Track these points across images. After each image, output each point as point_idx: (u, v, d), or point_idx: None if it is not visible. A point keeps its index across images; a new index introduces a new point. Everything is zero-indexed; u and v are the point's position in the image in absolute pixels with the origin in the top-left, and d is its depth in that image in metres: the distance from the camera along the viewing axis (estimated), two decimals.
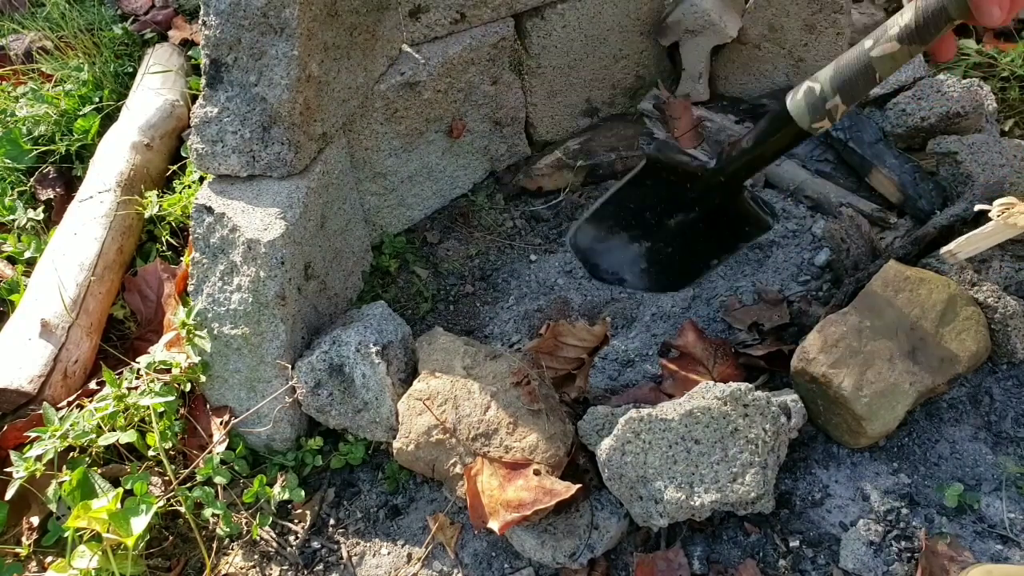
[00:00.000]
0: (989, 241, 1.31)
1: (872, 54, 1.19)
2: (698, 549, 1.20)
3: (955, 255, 1.35)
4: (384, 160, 1.65)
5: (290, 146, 1.33)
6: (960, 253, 1.34)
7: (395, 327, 1.37)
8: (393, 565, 1.25)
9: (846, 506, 1.23)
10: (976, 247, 1.33)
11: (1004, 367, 1.36)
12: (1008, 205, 1.25)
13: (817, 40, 1.81)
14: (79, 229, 1.64)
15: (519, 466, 1.18)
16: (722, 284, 1.59)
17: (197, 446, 1.36)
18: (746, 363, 1.40)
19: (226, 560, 1.29)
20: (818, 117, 1.28)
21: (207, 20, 1.27)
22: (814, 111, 1.28)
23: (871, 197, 1.67)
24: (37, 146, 1.97)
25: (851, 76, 1.23)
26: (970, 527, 1.19)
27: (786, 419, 1.19)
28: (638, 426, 1.15)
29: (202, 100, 1.33)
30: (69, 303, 1.49)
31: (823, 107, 1.27)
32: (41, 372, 1.37)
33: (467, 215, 1.81)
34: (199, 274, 1.35)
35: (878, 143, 1.69)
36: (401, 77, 1.58)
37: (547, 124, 1.92)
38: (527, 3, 1.71)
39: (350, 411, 1.31)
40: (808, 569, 1.18)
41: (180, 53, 2.25)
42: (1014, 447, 1.27)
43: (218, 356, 1.36)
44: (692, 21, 1.80)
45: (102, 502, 1.15)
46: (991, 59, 1.94)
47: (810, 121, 1.29)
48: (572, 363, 1.38)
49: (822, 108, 1.27)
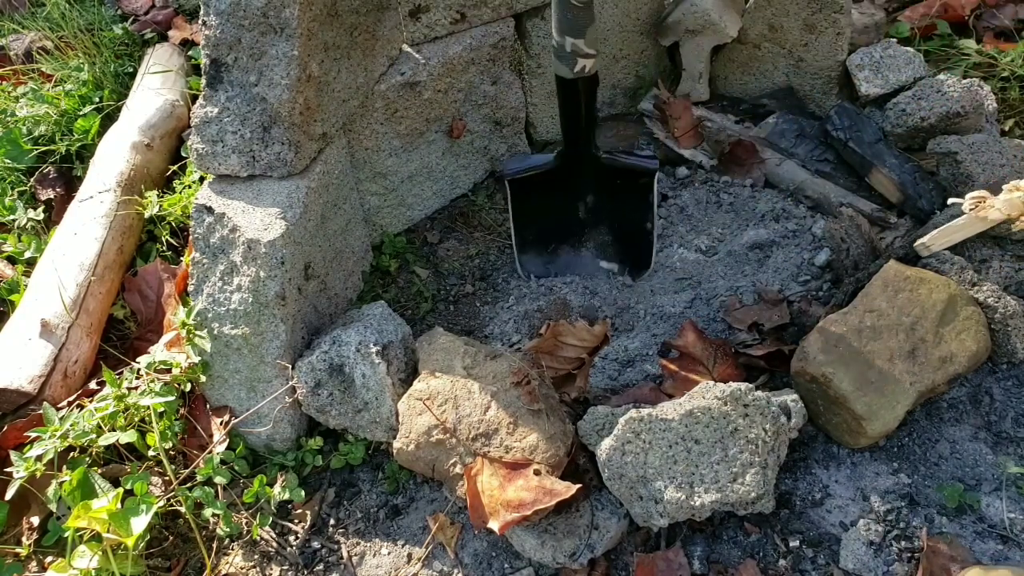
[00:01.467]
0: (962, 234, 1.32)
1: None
2: (698, 549, 1.20)
3: (928, 247, 1.36)
4: (384, 160, 1.65)
5: (290, 146, 1.33)
6: (933, 245, 1.35)
7: (395, 327, 1.37)
8: (393, 565, 1.25)
9: (846, 506, 1.23)
10: (949, 239, 1.34)
11: (1004, 367, 1.36)
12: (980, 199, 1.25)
13: (817, 40, 1.81)
14: (79, 229, 1.64)
15: (519, 466, 1.18)
16: (722, 284, 1.59)
17: (197, 446, 1.36)
18: (746, 363, 1.40)
19: (226, 560, 1.29)
20: (572, 62, 1.41)
21: (207, 20, 1.27)
22: (565, 60, 1.41)
23: (871, 197, 1.67)
24: (37, 146, 1.97)
25: (560, 16, 1.36)
26: (970, 527, 1.19)
27: (786, 419, 1.19)
28: (638, 426, 1.15)
29: (202, 100, 1.33)
30: (69, 303, 1.49)
31: (567, 52, 1.40)
32: (41, 372, 1.37)
33: (467, 215, 1.81)
34: (199, 274, 1.35)
35: (878, 143, 1.69)
36: (401, 77, 1.58)
37: (547, 124, 1.92)
38: (527, 3, 1.71)
39: (350, 411, 1.31)
40: (808, 569, 1.18)
41: (180, 53, 2.25)
42: (1014, 447, 1.27)
43: (218, 356, 1.36)
44: (692, 21, 1.80)
45: (102, 502, 1.15)
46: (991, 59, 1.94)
47: (570, 69, 1.42)
48: (572, 363, 1.38)
49: (567, 54, 1.40)
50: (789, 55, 1.87)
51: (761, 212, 1.72)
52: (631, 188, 1.62)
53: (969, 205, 1.25)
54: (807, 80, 1.88)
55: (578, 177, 1.62)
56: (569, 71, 1.41)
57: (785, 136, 1.81)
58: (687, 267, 1.66)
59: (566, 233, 1.69)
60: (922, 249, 1.35)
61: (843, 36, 1.80)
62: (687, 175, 1.85)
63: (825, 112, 1.84)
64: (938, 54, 2.02)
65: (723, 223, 1.73)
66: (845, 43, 1.81)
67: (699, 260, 1.67)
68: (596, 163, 1.60)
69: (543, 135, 1.93)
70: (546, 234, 1.69)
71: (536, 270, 1.68)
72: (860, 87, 1.79)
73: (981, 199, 1.23)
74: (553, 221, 1.68)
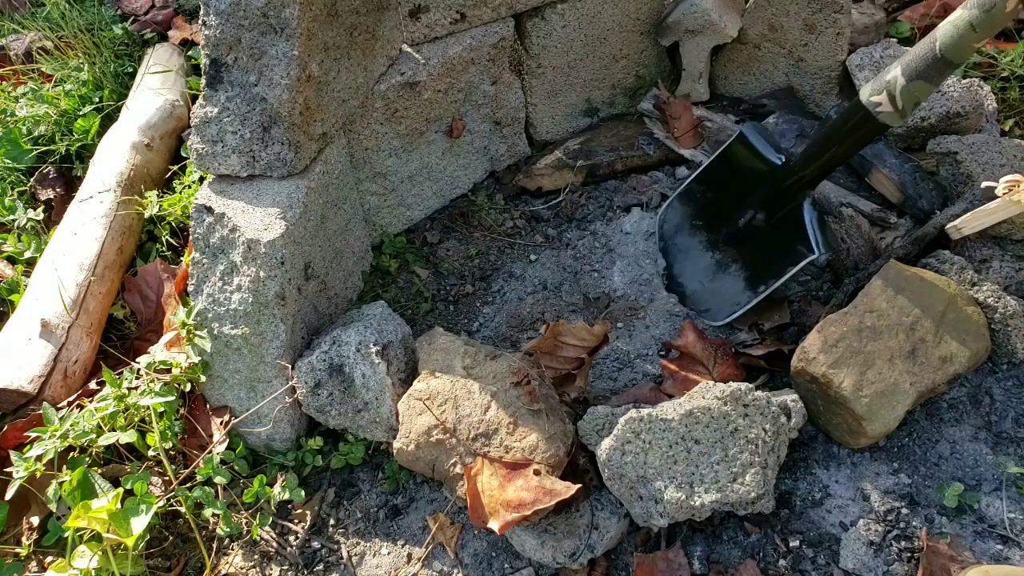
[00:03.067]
0: (994, 217, 1.31)
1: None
2: (698, 549, 1.20)
3: (960, 230, 1.34)
4: (384, 160, 1.65)
5: (290, 146, 1.33)
6: (965, 228, 1.34)
7: (395, 327, 1.37)
8: (393, 565, 1.25)
9: (846, 506, 1.23)
10: (981, 223, 1.33)
11: (1004, 367, 1.36)
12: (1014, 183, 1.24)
13: (817, 40, 1.81)
14: (79, 229, 1.64)
15: (519, 466, 1.18)
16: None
17: (197, 446, 1.36)
18: (746, 363, 1.40)
19: (226, 560, 1.29)
20: (907, 109, 1.24)
21: (207, 20, 1.27)
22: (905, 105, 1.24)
23: (871, 197, 1.67)
24: (37, 146, 1.97)
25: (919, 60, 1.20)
26: (970, 527, 1.19)
27: (786, 419, 1.19)
28: (638, 426, 1.15)
29: (202, 100, 1.33)
30: (69, 303, 1.49)
31: (911, 98, 1.23)
32: (41, 372, 1.37)
33: (467, 215, 1.81)
34: (199, 274, 1.35)
35: (878, 143, 1.69)
36: (401, 77, 1.58)
37: (547, 124, 1.92)
38: (527, 3, 1.71)
39: (350, 411, 1.31)
40: (808, 569, 1.18)
41: (180, 53, 2.25)
42: (1014, 447, 1.27)
43: (218, 356, 1.36)
44: (692, 21, 1.80)
45: (102, 502, 1.15)
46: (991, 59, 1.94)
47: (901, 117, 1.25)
48: (572, 363, 1.38)
49: (911, 100, 1.23)
50: (789, 55, 1.86)
51: None
52: (787, 245, 1.45)
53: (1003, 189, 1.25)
54: (807, 80, 1.88)
55: (778, 193, 1.48)
56: (899, 119, 1.25)
57: (785, 136, 1.81)
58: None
59: (716, 227, 1.57)
60: (953, 232, 1.34)
61: (843, 36, 1.80)
62: (687, 175, 1.85)
63: (825, 112, 1.84)
64: None
65: None
66: (845, 43, 1.81)
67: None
68: (794, 200, 1.45)
69: (543, 135, 1.93)
70: (706, 208, 1.59)
71: (669, 229, 1.60)
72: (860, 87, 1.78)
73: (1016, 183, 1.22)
74: (722, 202, 1.57)
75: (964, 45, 1.16)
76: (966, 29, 1.15)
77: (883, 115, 1.26)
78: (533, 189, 1.83)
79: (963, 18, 1.15)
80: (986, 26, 1.14)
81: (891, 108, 1.24)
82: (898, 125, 1.26)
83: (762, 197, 1.50)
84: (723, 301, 1.51)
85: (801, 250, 1.42)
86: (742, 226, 1.53)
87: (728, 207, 1.56)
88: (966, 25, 1.15)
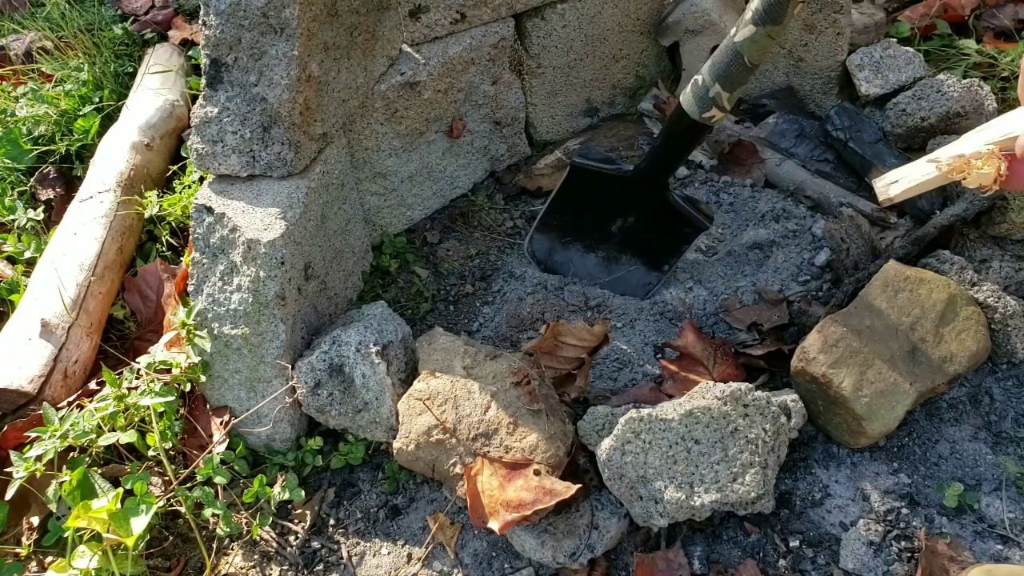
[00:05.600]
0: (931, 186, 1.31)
1: (735, 39, 1.28)
2: (698, 549, 1.20)
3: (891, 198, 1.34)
4: (384, 160, 1.65)
5: (290, 146, 1.33)
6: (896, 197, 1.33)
7: (395, 327, 1.37)
8: (393, 565, 1.25)
9: (846, 506, 1.23)
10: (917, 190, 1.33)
11: (1004, 367, 1.36)
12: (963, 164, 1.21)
13: (817, 40, 1.81)
14: (79, 229, 1.64)
15: (519, 466, 1.18)
16: (722, 284, 1.59)
17: (197, 446, 1.36)
18: (746, 363, 1.40)
19: (226, 560, 1.29)
20: (706, 107, 1.35)
21: (207, 20, 1.27)
22: (701, 102, 1.36)
23: (871, 197, 1.67)
24: (37, 146, 1.97)
25: (724, 63, 1.31)
26: (970, 527, 1.19)
27: (786, 419, 1.19)
28: (638, 426, 1.15)
29: (202, 100, 1.33)
30: (69, 303, 1.49)
31: (707, 96, 1.34)
32: (41, 372, 1.37)
33: (467, 215, 1.81)
34: (199, 274, 1.35)
35: (878, 143, 1.69)
36: (401, 77, 1.58)
37: (547, 124, 1.92)
38: (527, 3, 1.71)
39: (350, 411, 1.31)
40: (808, 569, 1.18)
41: (180, 53, 2.25)
42: (1014, 447, 1.27)
43: (218, 356, 1.36)
44: (692, 21, 1.80)
45: (102, 502, 1.15)
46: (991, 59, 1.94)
47: (700, 111, 1.36)
48: (572, 363, 1.38)
49: (707, 97, 1.35)
50: (789, 55, 1.87)
51: (761, 212, 1.72)
52: (673, 229, 1.59)
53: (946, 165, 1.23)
54: (807, 80, 1.89)
55: (635, 196, 1.59)
56: (698, 113, 1.36)
57: (785, 136, 1.81)
58: (687, 267, 1.66)
59: (588, 236, 1.67)
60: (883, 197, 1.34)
61: (843, 36, 1.80)
62: (687, 175, 1.85)
63: (825, 112, 1.84)
64: (938, 54, 2.02)
65: (723, 223, 1.73)
66: (845, 43, 1.81)
67: (699, 260, 1.67)
68: (658, 194, 1.56)
69: (543, 135, 1.93)
70: (570, 228, 1.67)
71: (541, 253, 1.68)
72: (860, 87, 1.79)
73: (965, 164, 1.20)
74: (585, 220, 1.65)
75: (763, 47, 1.27)
76: (761, 36, 1.26)
77: (715, 120, 1.38)
78: (533, 189, 1.83)
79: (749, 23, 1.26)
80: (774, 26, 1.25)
81: (722, 113, 1.36)
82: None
83: (626, 203, 1.61)
84: (633, 286, 1.64)
85: (688, 231, 1.58)
86: (616, 231, 1.64)
87: (594, 222, 1.65)
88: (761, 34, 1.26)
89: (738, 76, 1.31)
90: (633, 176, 1.56)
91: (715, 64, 1.33)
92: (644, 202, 1.59)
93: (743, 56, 1.28)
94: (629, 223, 1.63)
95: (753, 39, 1.26)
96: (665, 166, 1.52)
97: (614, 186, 1.59)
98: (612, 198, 1.61)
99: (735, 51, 1.29)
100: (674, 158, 1.51)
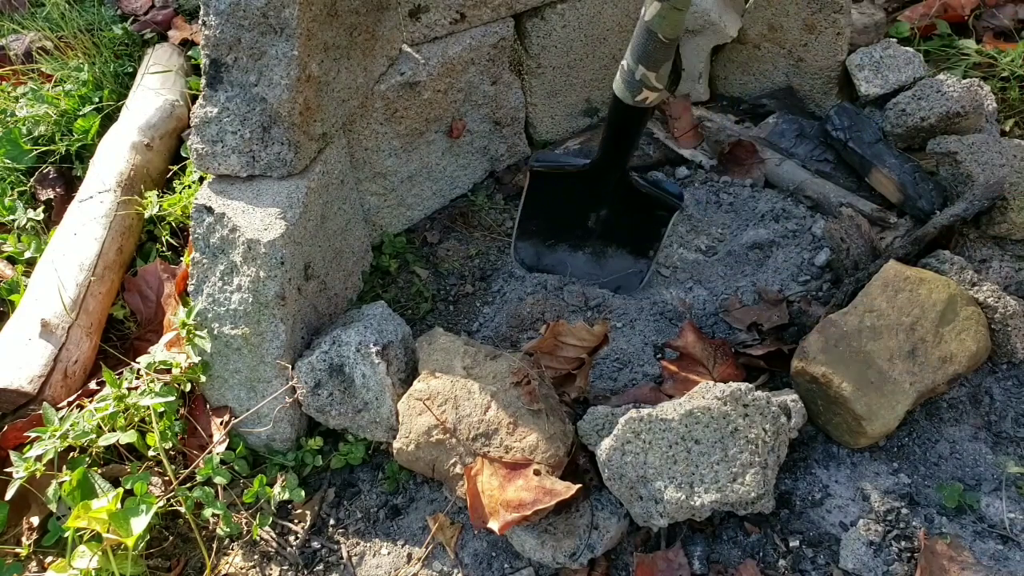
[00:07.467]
0: None
1: (645, 18, 1.30)
2: (698, 549, 1.20)
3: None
4: (384, 160, 1.65)
5: (290, 146, 1.33)
6: None
7: (395, 327, 1.37)
8: (393, 565, 1.25)
9: (846, 506, 1.23)
10: None
11: (1004, 367, 1.36)
12: None
13: (817, 40, 1.81)
14: (79, 229, 1.64)
15: (519, 466, 1.18)
16: (722, 284, 1.59)
17: (197, 446, 1.36)
18: (746, 363, 1.40)
19: (226, 560, 1.29)
20: (636, 90, 1.38)
21: (207, 20, 1.27)
22: (630, 86, 1.39)
23: (871, 197, 1.67)
24: (37, 146, 1.97)
25: (641, 44, 1.33)
26: (970, 527, 1.19)
27: (786, 419, 1.19)
28: (638, 426, 1.15)
29: (202, 100, 1.33)
30: (69, 303, 1.49)
31: (635, 79, 1.37)
32: (41, 372, 1.37)
33: (467, 215, 1.81)
34: (199, 274, 1.35)
35: (878, 143, 1.69)
36: (401, 77, 1.58)
37: (547, 124, 1.92)
38: (527, 3, 1.71)
39: (350, 411, 1.31)
40: (808, 569, 1.18)
41: (180, 53, 2.25)
42: (1014, 447, 1.27)
43: (218, 356, 1.36)
44: (692, 21, 1.80)
45: (102, 502, 1.15)
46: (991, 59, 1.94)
47: (632, 95, 1.38)
48: (572, 363, 1.38)
49: (634, 81, 1.37)
50: (789, 55, 1.87)
51: (761, 212, 1.72)
52: (648, 214, 1.62)
53: None
54: (807, 80, 1.89)
55: (600, 189, 1.62)
56: (631, 97, 1.39)
57: (785, 136, 1.81)
58: (687, 267, 1.66)
59: (570, 235, 1.69)
60: None
61: (843, 36, 1.80)
62: (687, 175, 1.85)
63: (825, 112, 1.84)
64: (938, 54, 2.03)
65: (723, 223, 1.73)
66: (845, 43, 1.81)
67: (699, 260, 1.67)
68: (624, 181, 1.60)
69: (543, 135, 1.93)
70: (550, 230, 1.69)
71: (529, 259, 1.69)
72: (860, 87, 1.79)
73: None
74: (561, 221, 1.68)
75: (673, 21, 1.29)
76: (667, 10, 1.28)
77: (650, 101, 1.40)
78: None
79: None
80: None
81: (654, 94, 1.39)
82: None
83: (593, 197, 1.64)
84: (625, 277, 1.65)
85: (662, 213, 1.60)
86: (594, 226, 1.66)
87: (570, 220, 1.68)
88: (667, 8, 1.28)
89: (657, 54, 1.33)
90: (592, 170, 1.59)
91: (634, 47, 1.35)
92: (610, 193, 1.61)
93: (657, 34, 1.30)
94: (604, 215, 1.65)
95: (661, 15, 1.28)
96: (617, 154, 1.54)
97: (577, 183, 1.62)
98: (579, 195, 1.64)
99: (648, 30, 1.31)
100: (623, 146, 1.53)
